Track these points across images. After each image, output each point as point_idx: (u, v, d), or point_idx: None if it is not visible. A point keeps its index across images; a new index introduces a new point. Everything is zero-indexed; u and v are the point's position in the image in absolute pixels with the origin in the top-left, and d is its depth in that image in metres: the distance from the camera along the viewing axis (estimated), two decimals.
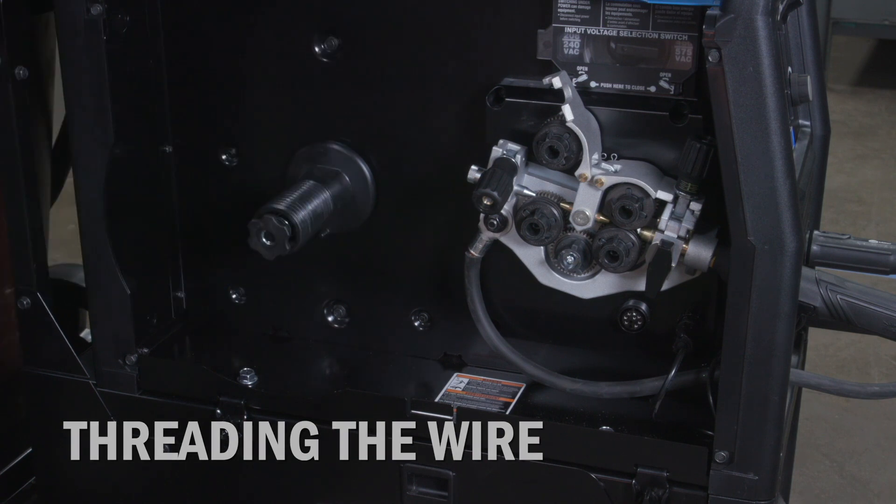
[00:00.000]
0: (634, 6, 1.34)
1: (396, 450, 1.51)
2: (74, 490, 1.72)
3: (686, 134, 1.34)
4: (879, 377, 2.99)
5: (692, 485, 1.41)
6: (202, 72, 1.56)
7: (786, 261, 1.28)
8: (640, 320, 1.45)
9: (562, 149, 1.35)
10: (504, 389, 1.54)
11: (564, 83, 1.32)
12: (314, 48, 1.48)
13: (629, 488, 1.43)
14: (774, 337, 1.31)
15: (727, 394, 1.35)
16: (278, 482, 1.60)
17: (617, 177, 1.36)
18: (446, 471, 1.50)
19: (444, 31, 1.43)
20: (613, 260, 1.37)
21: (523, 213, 1.38)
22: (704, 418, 1.41)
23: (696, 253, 1.35)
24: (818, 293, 1.42)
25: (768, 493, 1.38)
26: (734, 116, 1.24)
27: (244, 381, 1.57)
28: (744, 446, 1.36)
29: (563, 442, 1.45)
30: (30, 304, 1.62)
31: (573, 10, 1.37)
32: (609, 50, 1.37)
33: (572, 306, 1.47)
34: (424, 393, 1.53)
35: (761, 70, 1.23)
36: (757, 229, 1.27)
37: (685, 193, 1.34)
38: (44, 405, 1.69)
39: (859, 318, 1.42)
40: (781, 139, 1.25)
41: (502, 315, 1.52)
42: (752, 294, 1.29)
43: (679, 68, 1.35)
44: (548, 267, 1.44)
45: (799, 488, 2.50)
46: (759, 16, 1.21)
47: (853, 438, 2.73)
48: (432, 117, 1.47)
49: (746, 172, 1.26)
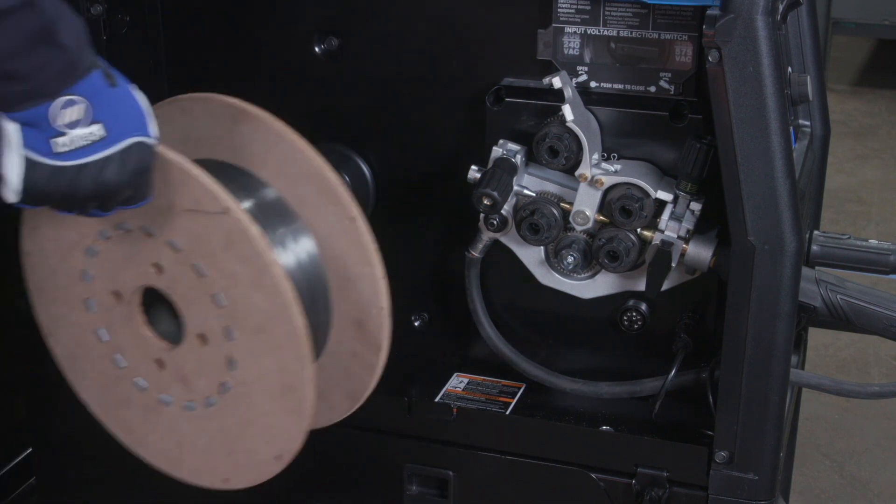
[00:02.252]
0: (634, 6, 1.34)
1: (396, 450, 1.52)
2: (74, 490, 1.72)
3: (686, 134, 1.34)
4: (879, 377, 2.99)
5: (692, 485, 1.41)
6: (202, 72, 1.55)
7: (786, 261, 1.28)
8: (640, 320, 1.45)
9: (562, 149, 1.35)
10: (504, 389, 1.54)
11: (564, 83, 1.32)
12: (314, 48, 1.48)
13: (629, 488, 1.43)
14: (774, 337, 1.31)
15: (727, 394, 1.35)
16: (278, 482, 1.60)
17: (617, 177, 1.36)
18: (446, 471, 1.50)
19: (444, 31, 1.43)
20: (613, 260, 1.37)
21: (523, 213, 1.38)
22: (704, 418, 1.41)
23: (696, 253, 1.35)
24: (818, 293, 1.42)
25: (768, 493, 1.38)
26: (734, 116, 1.24)
27: None
28: (744, 446, 1.36)
29: (563, 442, 1.45)
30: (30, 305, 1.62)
31: (573, 10, 1.37)
32: (609, 50, 1.37)
33: (572, 306, 1.47)
34: (424, 393, 1.53)
35: (761, 70, 1.23)
36: (757, 229, 1.27)
37: (685, 193, 1.34)
38: (44, 405, 1.69)
39: (859, 318, 1.42)
40: (781, 139, 1.25)
41: (502, 315, 1.52)
42: (752, 294, 1.29)
43: (679, 68, 1.36)
44: (548, 267, 1.44)
45: (799, 488, 2.50)
46: (759, 16, 1.21)
47: (853, 438, 2.73)
48: (432, 117, 1.47)
49: (746, 172, 1.26)
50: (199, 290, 1.25)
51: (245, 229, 1.20)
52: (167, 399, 1.34)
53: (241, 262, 1.22)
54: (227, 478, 1.36)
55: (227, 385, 1.29)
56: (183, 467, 1.38)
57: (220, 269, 1.23)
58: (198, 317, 1.27)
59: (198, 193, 1.21)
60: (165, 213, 1.24)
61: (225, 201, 1.20)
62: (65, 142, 1.13)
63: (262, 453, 1.32)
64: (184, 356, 1.31)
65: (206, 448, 1.35)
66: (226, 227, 1.21)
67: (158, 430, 1.37)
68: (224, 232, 1.21)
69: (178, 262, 1.25)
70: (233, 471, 1.35)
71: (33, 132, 1.13)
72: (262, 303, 1.22)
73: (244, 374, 1.27)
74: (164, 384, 1.34)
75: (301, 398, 1.26)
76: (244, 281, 1.22)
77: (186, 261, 1.25)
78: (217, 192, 1.20)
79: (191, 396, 1.32)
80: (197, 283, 1.25)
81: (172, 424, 1.35)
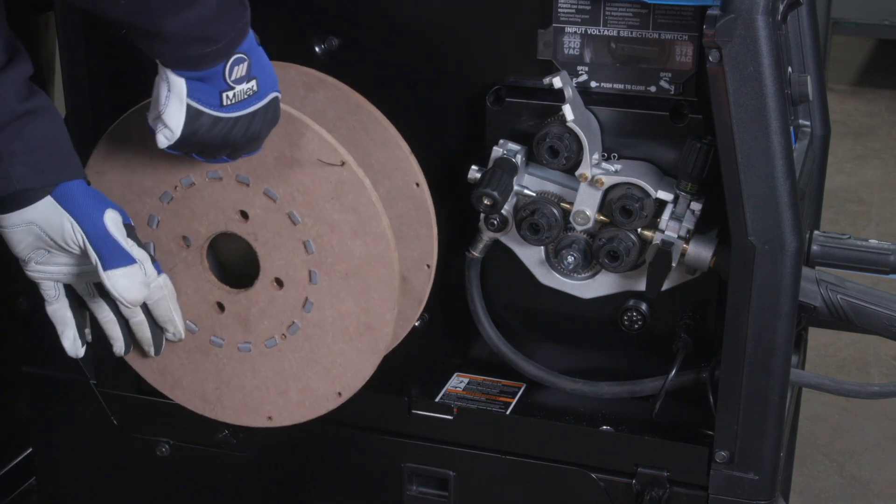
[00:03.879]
0: (634, 6, 1.34)
1: (396, 450, 1.52)
2: (74, 490, 1.72)
3: (686, 134, 1.34)
4: (879, 377, 2.99)
5: (692, 485, 1.41)
6: None
7: (786, 261, 1.28)
8: (640, 320, 1.45)
9: (562, 149, 1.35)
10: (504, 389, 1.54)
11: (565, 83, 1.32)
12: (314, 48, 1.48)
13: (629, 488, 1.43)
14: (774, 337, 1.31)
15: (727, 394, 1.35)
16: (278, 482, 1.60)
17: (617, 177, 1.36)
18: (446, 471, 1.50)
19: (444, 31, 1.43)
20: (614, 260, 1.37)
21: (523, 212, 1.38)
22: (704, 418, 1.41)
23: (696, 253, 1.35)
24: (818, 293, 1.42)
25: (768, 493, 1.38)
26: (734, 116, 1.24)
27: None
28: (744, 446, 1.36)
29: (563, 442, 1.45)
30: (30, 304, 1.62)
31: (573, 10, 1.37)
32: (609, 50, 1.37)
33: (572, 306, 1.47)
34: (424, 393, 1.53)
35: (761, 70, 1.23)
36: (757, 229, 1.27)
37: (685, 193, 1.34)
38: (44, 405, 1.69)
39: (859, 318, 1.42)
40: (782, 139, 1.25)
41: (502, 315, 1.52)
42: (753, 294, 1.29)
43: (679, 68, 1.36)
44: (548, 267, 1.45)
45: (799, 488, 2.50)
46: (759, 16, 1.21)
47: (853, 438, 2.73)
48: (432, 117, 1.47)
49: (747, 172, 1.26)
50: (290, 236, 1.34)
51: (361, 180, 1.31)
52: (219, 341, 1.42)
53: (346, 211, 1.32)
54: (271, 416, 1.44)
55: (296, 326, 1.38)
56: (222, 408, 1.46)
57: (319, 218, 1.33)
58: (280, 262, 1.36)
59: (315, 146, 1.30)
60: (270, 165, 1.31)
61: (343, 154, 1.30)
62: (230, 96, 1.22)
63: (322, 390, 1.40)
64: (251, 299, 1.39)
65: (254, 387, 1.43)
66: (337, 179, 1.30)
67: (200, 371, 1.44)
68: (333, 183, 1.31)
69: (271, 209, 1.34)
70: (281, 409, 1.43)
71: (205, 86, 1.21)
72: (360, 249, 1.33)
73: (319, 315, 1.37)
74: (219, 327, 1.41)
75: (378, 337, 1.36)
76: (344, 229, 1.32)
77: (282, 209, 1.33)
78: (336, 146, 1.30)
79: (249, 338, 1.40)
80: (289, 230, 1.34)
81: (219, 366, 1.43)
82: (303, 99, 1.40)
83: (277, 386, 1.42)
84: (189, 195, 1.37)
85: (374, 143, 1.39)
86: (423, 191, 1.41)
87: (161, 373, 1.46)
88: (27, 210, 1.24)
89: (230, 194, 1.35)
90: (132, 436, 1.64)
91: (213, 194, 1.36)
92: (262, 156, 1.31)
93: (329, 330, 1.38)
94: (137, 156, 1.37)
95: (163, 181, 1.37)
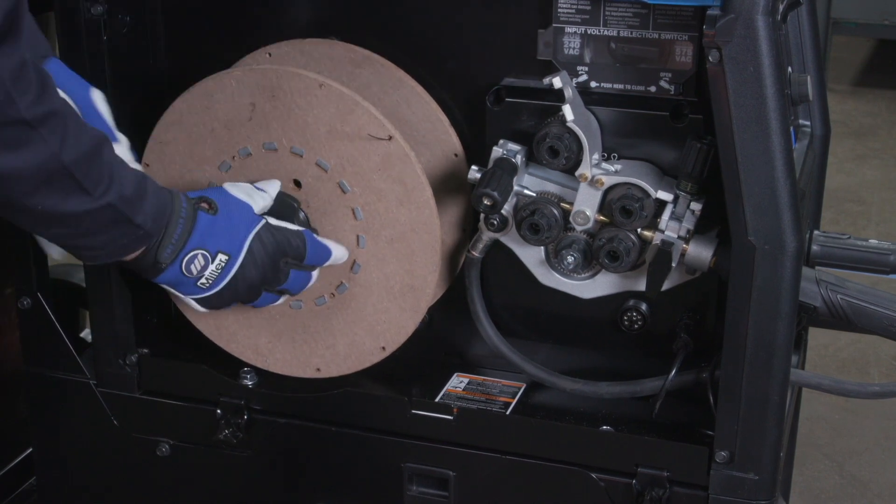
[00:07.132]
0: (634, 6, 1.34)
1: (396, 450, 1.52)
2: (74, 490, 1.72)
3: (686, 134, 1.34)
4: (879, 377, 2.99)
5: (693, 485, 1.41)
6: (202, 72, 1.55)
7: (786, 261, 1.28)
8: (640, 320, 1.45)
9: (562, 149, 1.35)
10: (504, 389, 1.54)
11: (565, 83, 1.32)
12: None
13: (629, 488, 1.43)
14: (774, 337, 1.31)
15: (727, 394, 1.35)
16: (278, 482, 1.60)
17: (617, 177, 1.36)
18: (446, 471, 1.50)
19: (444, 31, 1.43)
20: (614, 260, 1.37)
21: (523, 213, 1.38)
22: (704, 418, 1.41)
23: (696, 253, 1.35)
24: (818, 293, 1.42)
25: (768, 493, 1.38)
26: (734, 116, 1.24)
27: (244, 381, 1.57)
28: (744, 446, 1.36)
29: (563, 442, 1.45)
30: (30, 304, 1.62)
31: (573, 10, 1.37)
32: (609, 50, 1.37)
33: (572, 306, 1.47)
34: (424, 393, 1.53)
35: (761, 70, 1.23)
36: (757, 229, 1.27)
37: (685, 193, 1.34)
38: (44, 405, 1.69)
39: (859, 318, 1.42)
40: (782, 139, 1.25)
41: (502, 315, 1.52)
42: (753, 294, 1.29)
43: (679, 68, 1.36)
44: (548, 267, 1.44)
45: (799, 488, 2.50)
46: (759, 16, 1.21)
47: (853, 438, 2.73)
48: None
49: (747, 172, 1.26)
50: (339, 204, 1.43)
51: (407, 153, 1.39)
52: None
53: (393, 181, 1.40)
54: (319, 368, 1.53)
55: (344, 286, 1.47)
56: (273, 360, 1.55)
57: (367, 187, 1.41)
58: (329, 227, 1.44)
59: (364, 121, 1.38)
60: (322, 138, 1.40)
61: (391, 129, 1.38)
62: (204, 282, 1.36)
63: (368, 345, 1.49)
64: None
65: (304, 342, 1.52)
66: (385, 152, 1.38)
67: (254, 327, 1.53)
68: (381, 155, 1.39)
69: (322, 179, 1.42)
70: (329, 362, 1.52)
71: (182, 287, 1.36)
72: (405, 216, 1.41)
73: (366, 276, 1.46)
74: None
75: (420, 297, 1.45)
76: (390, 198, 1.40)
77: (332, 178, 1.41)
78: (384, 121, 1.37)
79: (300, 296, 1.48)
80: (339, 198, 1.42)
81: (271, 322, 1.52)
82: (349, 74, 1.46)
83: (326, 340, 1.51)
84: (246, 164, 1.44)
85: (417, 116, 1.45)
86: (461, 161, 1.46)
87: (218, 328, 1.55)
88: None
89: (284, 164, 1.43)
90: (132, 436, 1.64)
91: (268, 164, 1.44)
92: (314, 129, 1.39)
93: (374, 290, 1.46)
94: (198, 127, 1.44)
95: (222, 151, 1.45)
